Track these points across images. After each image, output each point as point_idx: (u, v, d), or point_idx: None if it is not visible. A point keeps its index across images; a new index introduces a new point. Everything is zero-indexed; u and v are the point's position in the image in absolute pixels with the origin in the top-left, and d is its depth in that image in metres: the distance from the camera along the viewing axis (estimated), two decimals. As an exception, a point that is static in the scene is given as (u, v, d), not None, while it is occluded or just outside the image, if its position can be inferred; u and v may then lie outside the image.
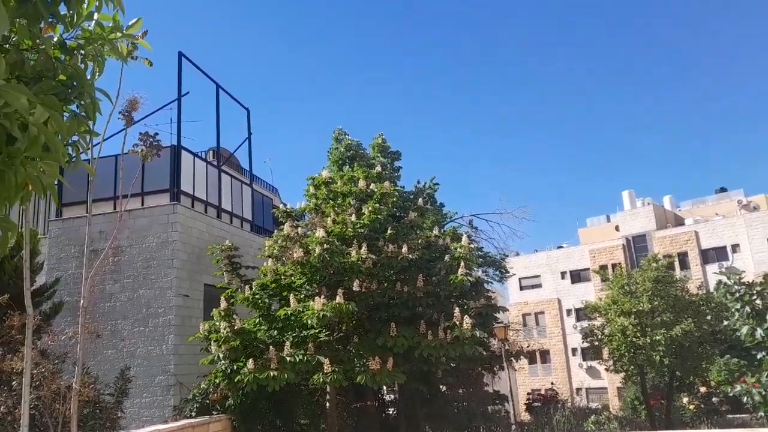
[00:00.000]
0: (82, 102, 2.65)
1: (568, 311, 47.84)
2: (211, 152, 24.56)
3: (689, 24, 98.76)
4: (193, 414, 10.41)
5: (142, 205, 18.17)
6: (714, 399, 18.64)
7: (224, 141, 28.62)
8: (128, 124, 9.12)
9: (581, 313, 45.98)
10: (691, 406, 18.87)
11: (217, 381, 10.16)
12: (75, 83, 2.60)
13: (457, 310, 9.51)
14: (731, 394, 8.22)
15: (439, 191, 16.89)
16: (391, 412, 15.94)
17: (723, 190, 51.41)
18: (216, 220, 19.58)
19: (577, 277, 48.51)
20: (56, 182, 2.43)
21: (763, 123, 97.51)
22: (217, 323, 10.11)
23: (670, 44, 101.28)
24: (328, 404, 11.32)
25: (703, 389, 18.55)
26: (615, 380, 42.41)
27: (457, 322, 9.20)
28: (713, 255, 42.34)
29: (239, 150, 24.60)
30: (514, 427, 10.14)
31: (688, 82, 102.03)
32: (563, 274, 49.30)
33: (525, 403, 22.86)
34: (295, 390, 11.42)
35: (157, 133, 9.41)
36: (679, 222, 48.44)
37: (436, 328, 9.73)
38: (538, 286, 50.23)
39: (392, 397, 16.22)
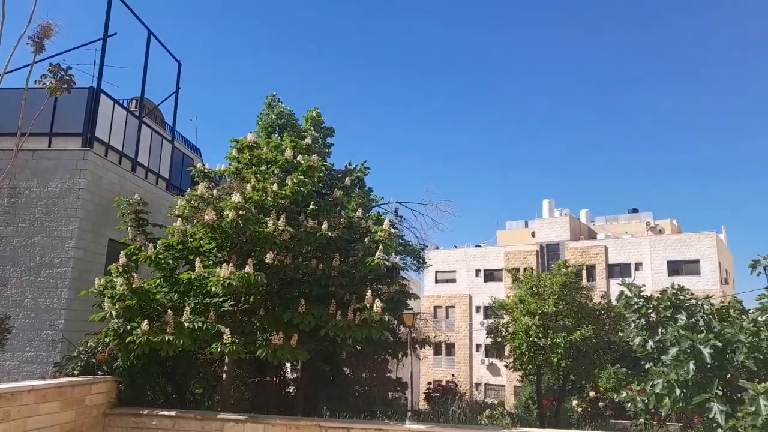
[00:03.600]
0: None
1: (478, 308, 49.34)
2: (134, 102, 23.08)
3: (616, 42, 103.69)
4: (76, 372, 9.71)
5: (50, 146, 16.79)
6: (600, 404, 19.73)
7: (150, 92, 27.10)
8: (38, 51, 8.30)
9: (489, 311, 47.81)
10: (579, 409, 19.89)
11: (107, 340, 9.51)
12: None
13: (369, 292, 9.34)
14: (617, 400, 8.57)
15: (369, 176, 16.69)
16: (291, 390, 15.69)
17: (635, 210, 54.46)
18: (130, 173, 18.42)
19: (491, 276, 50.06)
20: None
21: (675, 149, 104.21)
22: (114, 279, 9.45)
23: (596, 63, 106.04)
24: (225, 375, 10.91)
25: (591, 394, 19.59)
26: (513, 379, 44.27)
27: (368, 305, 9.04)
28: (618, 270, 44.84)
29: (165, 104, 23.31)
30: (409, 414, 10.16)
31: (617, 105, 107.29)
32: (477, 271, 50.72)
33: (425, 393, 23.30)
34: (191, 358, 10.93)
35: (70, 67, 8.61)
36: (592, 236, 50.95)
37: (347, 309, 9.54)
38: (453, 281, 51.43)
39: (295, 375, 15.97)
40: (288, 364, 15.02)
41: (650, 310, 8.33)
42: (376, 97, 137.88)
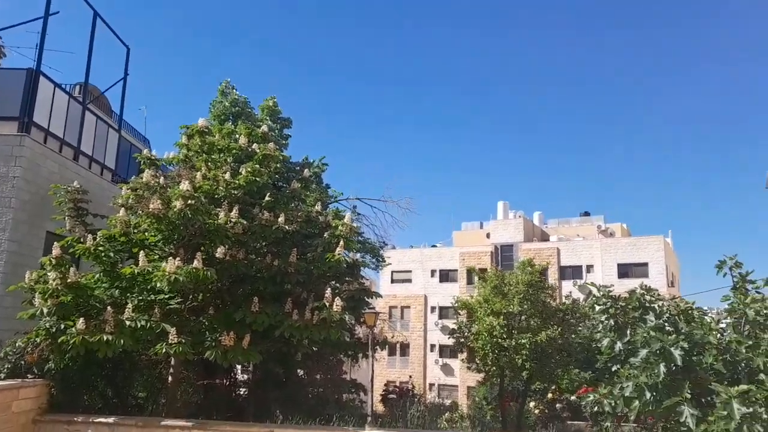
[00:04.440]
0: None
1: (433, 308, 49.34)
2: (78, 88, 21.81)
3: (570, 44, 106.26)
4: (2, 376, 8.78)
5: (-18, 130, 15.54)
6: (558, 405, 19.73)
7: (96, 79, 25.71)
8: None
9: (444, 312, 47.89)
10: (536, 411, 19.83)
11: (38, 340, 8.62)
12: None
13: (328, 290, 8.78)
14: (583, 403, 8.30)
15: (326, 174, 16.08)
16: (242, 393, 14.96)
17: (586, 214, 55.59)
18: (71, 162, 17.24)
19: (446, 276, 50.11)
20: None
21: (625, 154, 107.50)
22: (48, 273, 8.58)
23: (559, 70, 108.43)
24: (170, 378, 10.14)
25: (549, 395, 19.58)
26: (467, 379, 44.38)
27: (327, 304, 8.48)
28: (569, 272, 45.55)
29: (112, 91, 22.09)
30: (369, 419, 9.67)
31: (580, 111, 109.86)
32: (433, 272, 50.71)
33: (381, 395, 22.82)
34: (134, 359, 10.12)
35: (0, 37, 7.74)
36: (545, 238, 51.67)
37: (304, 308, 8.97)
38: (408, 281, 51.26)
39: (246, 377, 15.24)
40: (239, 366, 14.30)
41: (618, 311, 8.10)
42: (333, 100, 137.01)
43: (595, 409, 8.14)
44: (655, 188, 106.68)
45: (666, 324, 7.91)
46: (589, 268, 45.47)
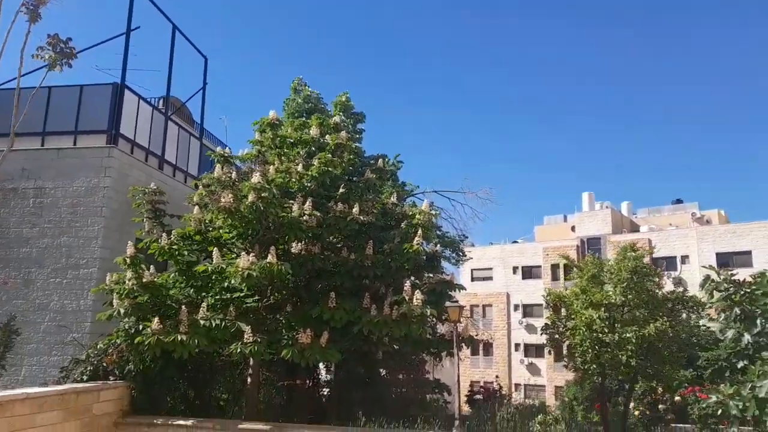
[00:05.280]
0: None
1: (516, 306, 47.76)
2: (160, 101, 22.59)
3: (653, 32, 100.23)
4: (85, 378, 8.81)
5: (75, 144, 16.26)
6: (660, 406, 18.14)
7: (177, 91, 26.52)
8: (33, 21, 7.50)
9: (528, 309, 46.19)
10: (636, 412, 18.33)
11: (118, 341, 8.59)
12: None
13: (407, 283, 8.19)
14: (704, 406, 7.23)
15: (401, 173, 15.57)
16: (325, 393, 14.70)
17: (679, 201, 51.96)
18: (156, 171, 17.73)
19: (529, 273, 48.35)
20: None
21: (720, 138, 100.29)
22: (125, 273, 8.54)
23: (634, 52, 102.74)
24: (249, 379, 9.91)
25: (652, 395, 18.03)
26: (554, 378, 42.48)
27: (407, 297, 7.90)
28: (663, 264, 42.50)
29: (192, 101, 22.65)
30: (457, 422, 9.01)
31: (658, 94, 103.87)
32: (515, 269, 49.05)
33: (466, 395, 22.01)
34: (213, 360, 9.99)
35: (70, 38, 7.75)
36: (635, 229, 48.72)
37: (382, 302, 8.45)
38: (489, 278, 49.87)
39: (329, 377, 14.97)
40: (322, 366, 14.06)
41: (744, 298, 6.99)
42: (407, 92, 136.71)
43: (719, 412, 7.07)
44: (752, 172, 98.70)
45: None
46: (684, 258, 42.33)
